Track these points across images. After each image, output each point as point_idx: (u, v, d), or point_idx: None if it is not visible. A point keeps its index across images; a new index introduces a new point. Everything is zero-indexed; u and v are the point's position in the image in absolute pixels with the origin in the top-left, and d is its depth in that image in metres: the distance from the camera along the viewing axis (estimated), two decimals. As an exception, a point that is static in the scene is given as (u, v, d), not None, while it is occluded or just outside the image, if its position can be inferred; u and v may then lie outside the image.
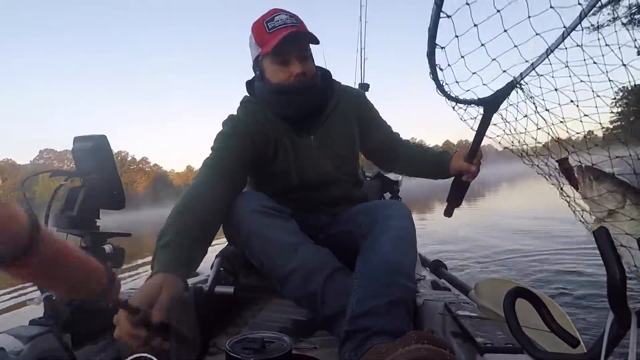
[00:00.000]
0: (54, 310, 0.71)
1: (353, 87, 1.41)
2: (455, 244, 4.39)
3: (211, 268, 1.28)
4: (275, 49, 1.07)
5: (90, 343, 0.79)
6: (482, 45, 0.68)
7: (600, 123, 0.65)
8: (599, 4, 0.67)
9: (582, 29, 0.67)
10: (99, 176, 0.84)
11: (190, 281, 1.27)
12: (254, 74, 1.21)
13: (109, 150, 0.86)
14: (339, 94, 1.28)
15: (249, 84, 1.26)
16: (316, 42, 1.14)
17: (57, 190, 0.82)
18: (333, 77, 1.30)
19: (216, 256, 1.31)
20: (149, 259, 0.87)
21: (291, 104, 1.16)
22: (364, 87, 2.92)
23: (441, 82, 0.82)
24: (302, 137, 1.21)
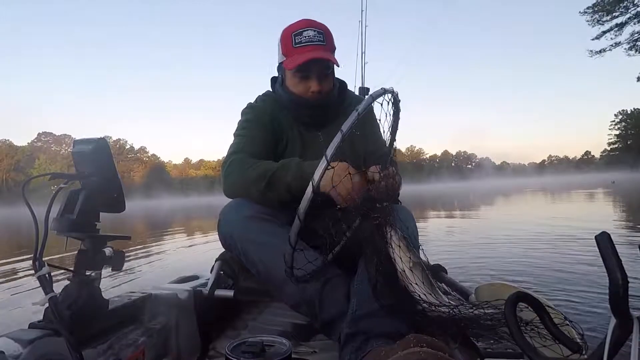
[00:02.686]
0: (58, 312, 0.70)
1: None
2: (456, 248, 4.38)
3: (211, 271, 1.27)
4: (297, 67, 1.13)
5: (89, 347, 0.79)
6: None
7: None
8: None
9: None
10: (99, 179, 0.84)
11: (190, 284, 1.26)
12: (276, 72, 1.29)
13: (108, 153, 0.86)
14: (351, 102, 1.32)
15: (274, 80, 1.32)
16: (336, 65, 1.19)
17: (57, 193, 0.82)
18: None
19: (216, 259, 1.30)
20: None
21: (304, 114, 1.24)
22: (364, 91, 2.92)
23: None
24: (310, 132, 1.26)
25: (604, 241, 0.44)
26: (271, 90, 1.33)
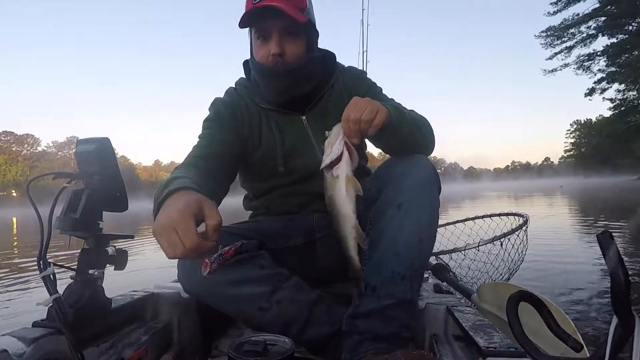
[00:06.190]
0: (62, 312, 0.71)
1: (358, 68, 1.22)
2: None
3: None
4: (247, 22, 0.91)
5: (92, 345, 0.79)
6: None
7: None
8: None
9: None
10: (102, 178, 0.84)
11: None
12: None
13: (111, 152, 0.86)
14: (340, 74, 1.13)
15: (246, 63, 1.10)
16: (300, 20, 0.91)
17: (60, 193, 0.82)
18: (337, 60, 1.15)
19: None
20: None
21: (270, 87, 1.01)
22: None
23: None
24: (291, 117, 1.06)
25: (605, 240, 0.44)
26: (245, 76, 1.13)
